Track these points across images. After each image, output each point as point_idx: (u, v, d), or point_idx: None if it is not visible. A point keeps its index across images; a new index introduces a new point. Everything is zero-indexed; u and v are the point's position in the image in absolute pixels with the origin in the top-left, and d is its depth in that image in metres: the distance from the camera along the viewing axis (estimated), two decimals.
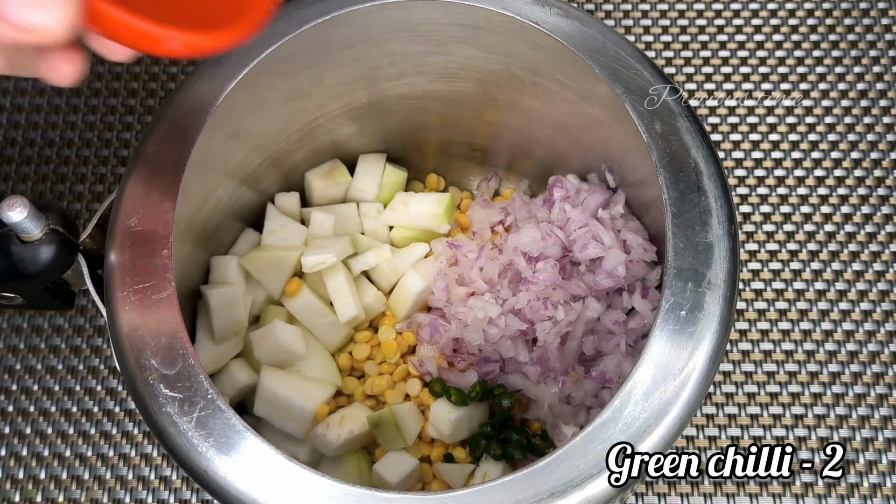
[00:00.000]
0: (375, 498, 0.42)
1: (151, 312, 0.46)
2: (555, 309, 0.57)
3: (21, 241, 0.47)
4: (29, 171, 0.74)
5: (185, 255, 0.55)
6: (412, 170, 0.69)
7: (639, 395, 0.44)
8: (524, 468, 0.43)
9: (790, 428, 0.66)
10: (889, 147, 0.74)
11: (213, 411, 0.44)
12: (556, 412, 0.58)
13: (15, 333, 0.69)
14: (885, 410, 0.66)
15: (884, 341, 0.68)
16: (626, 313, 0.58)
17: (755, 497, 0.64)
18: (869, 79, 0.76)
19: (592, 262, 0.58)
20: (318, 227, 0.63)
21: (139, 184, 0.49)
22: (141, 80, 0.77)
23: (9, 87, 0.77)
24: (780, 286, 0.70)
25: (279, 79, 0.55)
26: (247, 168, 0.60)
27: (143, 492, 0.65)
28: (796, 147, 0.74)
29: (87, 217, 0.73)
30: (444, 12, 0.54)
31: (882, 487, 0.64)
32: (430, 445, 0.60)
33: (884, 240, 0.71)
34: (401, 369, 0.61)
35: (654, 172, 0.49)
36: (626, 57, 0.52)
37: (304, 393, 0.57)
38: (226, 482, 0.43)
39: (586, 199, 0.60)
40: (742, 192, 0.73)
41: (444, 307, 0.62)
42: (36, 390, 0.68)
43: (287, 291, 0.61)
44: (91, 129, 0.76)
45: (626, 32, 0.78)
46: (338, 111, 0.62)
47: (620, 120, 0.52)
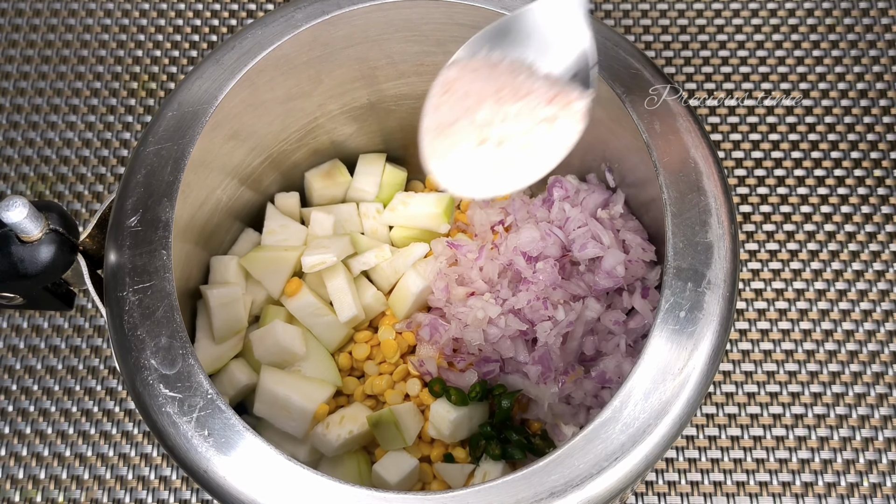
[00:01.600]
0: (375, 498, 0.42)
1: (151, 312, 0.46)
2: (555, 309, 0.57)
3: (21, 241, 0.47)
4: (29, 171, 0.74)
5: (185, 255, 0.55)
6: (412, 170, 0.69)
7: (639, 395, 0.44)
8: (524, 468, 0.43)
9: (790, 428, 0.66)
10: (889, 147, 0.74)
11: (212, 411, 0.44)
12: (556, 412, 0.58)
13: (15, 333, 0.69)
14: (885, 410, 0.66)
15: (884, 341, 0.68)
16: (626, 313, 0.58)
17: (755, 497, 0.64)
18: (869, 78, 0.76)
19: (592, 261, 0.58)
20: (318, 227, 0.63)
21: (139, 184, 0.49)
22: (141, 80, 0.77)
23: (8, 86, 0.77)
24: (780, 286, 0.70)
25: (279, 79, 0.55)
26: (247, 168, 0.60)
27: (143, 492, 0.65)
28: (796, 147, 0.74)
29: (87, 217, 0.73)
30: (444, 12, 0.54)
31: (882, 487, 0.64)
32: (430, 445, 0.60)
33: (884, 239, 0.71)
34: (401, 369, 0.61)
35: (654, 172, 0.49)
36: (626, 57, 0.52)
37: (304, 393, 0.57)
38: (225, 482, 0.43)
39: (585, 198, 0.60)
40: (742, 192, 0.73)
41: (444, 307, 0.62)
42: (36, 390, 0.68)
43: (287, 291, 0.61)
44: (91, 129, 0.76)
45: (626, 32, 0.78)
46: (338, 111, 0.62)
47: (620, 120, 0.52)
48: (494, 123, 0.41)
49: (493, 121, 0.41)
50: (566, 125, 0.42)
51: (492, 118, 0.41)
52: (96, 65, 0.78)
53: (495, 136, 0.41)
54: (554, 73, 0.43)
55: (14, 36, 0.79)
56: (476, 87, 0.42)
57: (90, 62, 0.78)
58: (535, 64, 0.43)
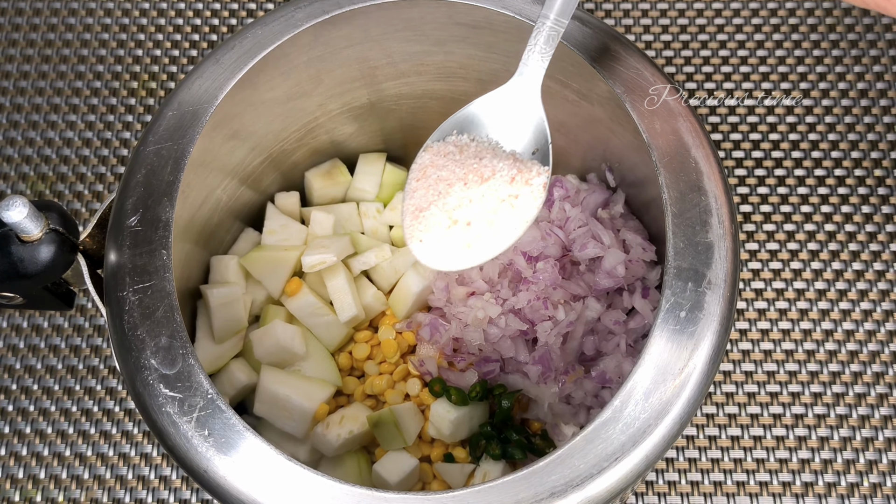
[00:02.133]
0: (375, 498, 0.42)
1: (151, 312, 0.46)
2: (555, 309, 0.57)
3: (21, 241, 0.47)
4: (29, 171, 0.74)
5: (185, 255, 0.55)
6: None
7: (639, 395, 0.44)
8: (524, 468, 0.43)
9: (790, 428, 0.66)
10: (889, 147, 0.74)
11: (212, 411, 0.44)
12: (556, 412, 0.58)
13: (15, 333, 0.69)
14: (885, 410, 0.66)
15: (884, 341, 0.68)
16: (627, 313, 0.58)
17: (755, 497, 0.64)
18: (869, 78, 0.76)
19: (592, 261, 0.58)
20: (318, 227, 0.63)
21: (139, 184, 0.49)
22: (141, 80, 0.77)
23: (8, 86, 0.77)
24: (781, 286, 0.70)
25: (279, 78, 0.55)
26: (247, 168, 0.60)
27: (143, 491, 0.65)
28: (796, 146, 0.74)
29: (87, 217, 0.73)
30: (444, 12, 0.54)
31: (882, 487, 0.64)
32: (430, 445, 0.60)
33: (884, 239, 0.71)
34: (401, 369, 0.61)
35: (654, 172, 0.49)
36: (626, 56, 0.52)
37: (304, 393, 0.57)
38: (225, 482, 0.43)
39: (586, 198, 0.60)
40: (742, 191, 0.73)
41: (444, 307, 0.62)
42: (36, 390, 0.68)
43: (287, 291, 0.61)
44: (91, 129, 0.76)
45: (626, 32, 0.78)
46: (338, 111, 0.62)
47: (620, 119, 0.52)
48: (462, 206, 0.47)
49: (462, 204, 0.47)
50: (526, 202, 0.47)
51: (460, 202, 0.47)
52: (96, 64, 0.78)
53: (464, 218, 0.47)
54: (517, 151, 0.49)
55: (14, 35, 0.79)
56: (446, 174, 0.48)
57: (90, 61, 0.78)
58: (499, 143, 0.49)
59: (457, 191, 0.47)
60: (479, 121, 0.49)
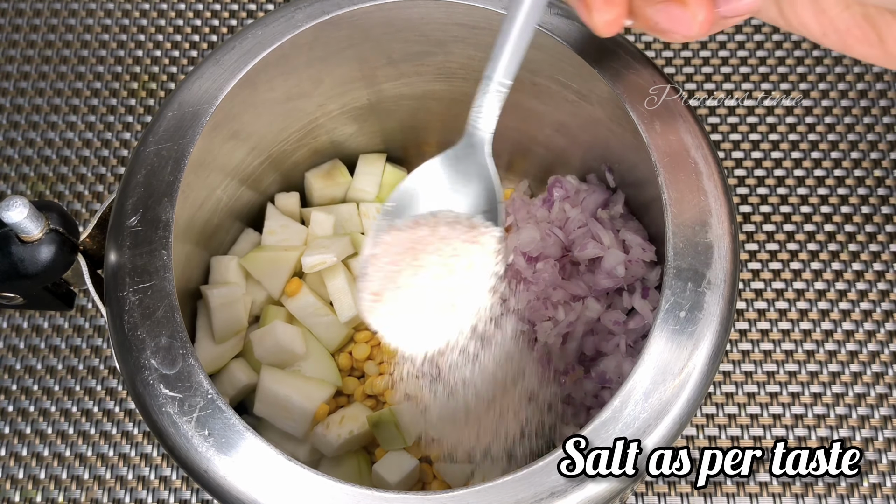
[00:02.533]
0: (375, 498, 0.42)
1: (151, 312, 0.46)
2: (555, 309, 0.57)
3: (21, 241, 0.47)
4: (29, 171, 0.74)
5: (185, 255, 0.55)
6: (412, 170, 0.69)
7: (639, 395, 0.44)
8: (524, 468, 0.43)
9: (790, 428, 0.66)
10: (889, 147, 0.74)
11: (212, 411, 0.44)
12: (556, 412, 0.58)
13: (15, 333, 0.69)
14: (885, 410, 0.66)
15: (884, 341, 0.68)
16: (626, 313, 0.58)
17: (755, 497, 0.64)
18: (869, 79, 0.76)
19: (592, 262, 0.58)
20: (318, 227, 0.63)
21: (139, 184, 0.49)
22: (141, 81, 0.77)
23: (8, 87, 0.77)
24: (780, 286, 0.70)
25: (279, 79, 0.55)
26: (247, 168, 0.60)
27: (143, 492, 0.65)
28: (796, 147, 0.74)
29: (87, 217, 0.73)
30: (444, 12, 0.54)
31: (882, 487, 0.64)
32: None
33: (884, 240, 0.71)
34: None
35: (654, 172, 0.49)
36: (626, 57, 0.52)
37: (304, 393, 0.57)
38: (225, 482, 0.43)
39: (586, 198, 0.60)
40: (742, 192, 0.73)
41: None
42: (36, 390, 0.68)
43: (287, 291, 0.61)
44: (91, 129, 0.76)
45: (626, 32, 0.78)
46: (338, 111, 0.62)
47: (620, 120, 0.52)
48: (414, 286, 0.44)
49: (413, 283, 0.44)
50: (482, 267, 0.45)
51: (411, 282, 0.44)
52: (96, 65, 0.78)
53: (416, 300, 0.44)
54: (467, 215, 0.47)
55: (14, 36, 0.79)
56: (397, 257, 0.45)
57: (90, 62, 0.78)
58: (449, 210, 0.47)
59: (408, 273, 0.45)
60: (425, 191, 0.48)
